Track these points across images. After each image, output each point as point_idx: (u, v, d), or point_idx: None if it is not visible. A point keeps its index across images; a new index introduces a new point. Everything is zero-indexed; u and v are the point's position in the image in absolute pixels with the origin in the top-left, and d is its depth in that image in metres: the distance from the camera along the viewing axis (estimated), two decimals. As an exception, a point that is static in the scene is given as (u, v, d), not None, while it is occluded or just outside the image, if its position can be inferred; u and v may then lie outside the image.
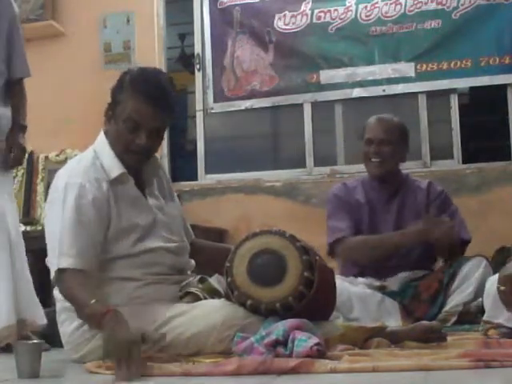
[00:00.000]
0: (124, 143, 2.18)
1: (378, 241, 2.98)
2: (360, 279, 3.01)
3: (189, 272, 2.31)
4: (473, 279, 2.85)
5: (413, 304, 2.91)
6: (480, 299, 2.62)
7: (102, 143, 2.24)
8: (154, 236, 2.21)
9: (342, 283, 2.74)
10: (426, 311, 2.88)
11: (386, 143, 3.08)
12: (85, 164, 2.18)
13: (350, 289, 2.87)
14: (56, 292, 2.20)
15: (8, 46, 2.88)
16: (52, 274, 2.12)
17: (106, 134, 2.25)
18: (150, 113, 2.15)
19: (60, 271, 2.05)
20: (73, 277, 2.03)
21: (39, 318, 2.71)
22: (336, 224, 3.06)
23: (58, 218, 2.09)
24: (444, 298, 2.90)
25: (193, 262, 2.35)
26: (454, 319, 2.79)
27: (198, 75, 5.00)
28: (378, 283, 2.97)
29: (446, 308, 2.86)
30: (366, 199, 3.13)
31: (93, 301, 1.93)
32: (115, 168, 2.19)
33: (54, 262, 2.09)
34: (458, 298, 2.85)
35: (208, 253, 2.47)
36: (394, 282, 2.97)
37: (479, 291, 2.68)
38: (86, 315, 1.96)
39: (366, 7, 4.66)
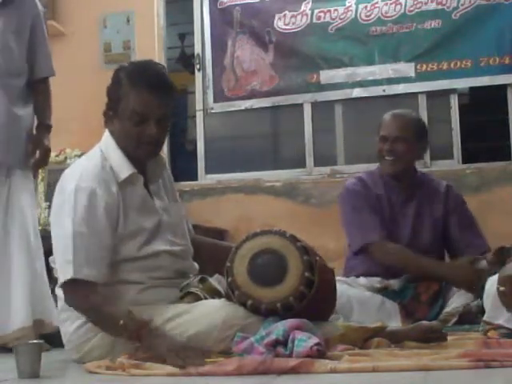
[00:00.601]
0: (135, 137, 2.16)
1: (418, 266, 2.91)
2: (361, 280, 2.99)
3: (191, 275, 2.30)
4: None
5: (412, 304, 2.90)
6: (480, 299, 2.62)
7: (108, 143, 2.22)
8: (159, 239, 2.19)
9: (341, 286, 2.72)
10: (426, 313, 2.87)
11: (400, 141, 3.00)
12: (94, 165, 2.16)
13: (350, 292, 2.84)
14: (58, 291, 2.19)
15: (31, 44, 2.87)
16: (57, 274, 2.11)
17: (111, 133, 2.23)
18: (154, 102, 2.14)
19: (72, 281, 2.03)
20: (89, 289, 2.02)
21: (56, 319, 2.71)
22: (367, 224, 2.98)
23: (68, 223, 2.06)
24: (444, 300, 2.90)
25: (196, 265, 2.34)
26: (454, 320, 2.78)
27: (198, 75, 5.00)
28: (379, 285, 2.95)
29: (447, 310, 2.85)
30: (385, 192, 3.06)
31: (125, 312, 1.95)
32: (124, 169, 2.17)
33: (62, 268, 2.07)
34: (458, 300, 2.85)
35: (208, 250, 2.46)
36: (396, 282, 2.96)
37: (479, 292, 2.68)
38: (120, 326, 1.95)
39: (366, 7, 4.67)
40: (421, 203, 3.07)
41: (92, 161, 2.19)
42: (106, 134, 2.25)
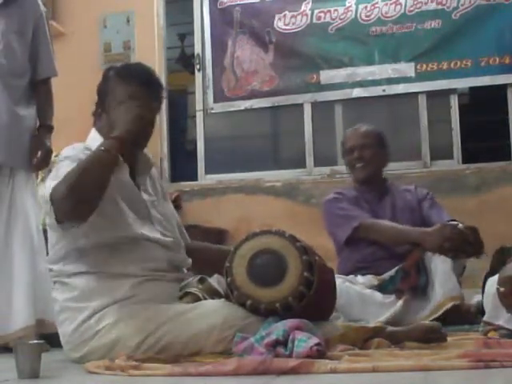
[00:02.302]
0: None
1: (398, 231, 3.06)
2: (360, 279, 3.01)
3: (185, 269, 2.30)
4: None
5: (404, 282, 2.94)
6: (480, 299, 2.62)
7: (94, 139, 2.21)
8: (147, 227, 2.18)
9: (342, 283, 2.76)
10: (417, 281, 2.92)
11: (366, 147, 3.23)
12: (77, 150, 2.16)
13: (350, 289, 2.87)
14: (55, 293, 2.19)
15: (33, 45, 2.89)
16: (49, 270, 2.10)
17: (98, 131, 2.23)
18: (142, 94, 2.14)
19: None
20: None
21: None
22: (350, 213, 3.15)
23: (50, 181, 2.04)
24: (427, 264, 2.94)
25: (189, 259, 2.34)
26: (448, 306, 2.78)
27: (198, 75, 5.00)
28: (376, 282, 2.97)
29: (435, 284, 2.87)
30: (361, 196, 3.26)
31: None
32: None
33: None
34: (439, 265, 2.89)
35: (205, 256, 2.46)
36: (387, 274, 2.99)
37: None
38: (105, 151, 1.99)
39: (366, 7, 4.67)
40: (394, 198, 3.28)
41: (74, 147, 2.20)
42: (92, 131, 2.26)
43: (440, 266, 2.89)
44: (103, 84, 2.22)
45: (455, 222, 2.99)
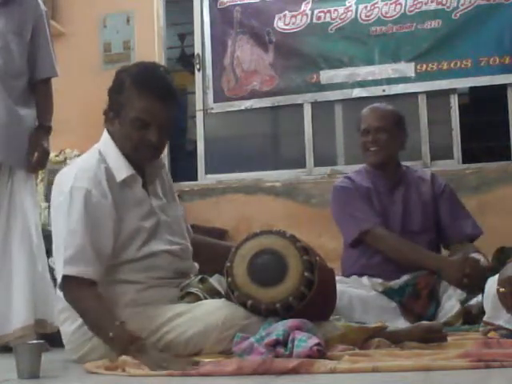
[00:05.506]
0: (135, 142, 2.15)
1: (412, 252, 2.94)
2: (364, 280, 2.98)
3: (192, 276, 2.29)
4: None
5: (411, 301, 2.89)
6: (480, 299, 2.62)
7: (107, 144, 2.21)
8: (157, 239, 2.18)
9: (343, 286, 2.71)
10: (426, 308, 2.86)
11: (381, 131, 3.09)
12: (90, 166, 2.14)
13: (352, 292, 2.82)
14: (59, 292, 2.19)
15: (32, 45, 2.88)
16: (58, 277, 2.11)
17: (110, 134, 2.22)
18: (159, 110, 2.14)
19: (66, 278, 2.03)
20: (84, 288, 2.02)
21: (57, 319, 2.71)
22: (360, 214, 3.02)
23: (63, 222, 2.07)
24: (438, 294, 2.89)
25: (197, 265, 2.34)
26: (458, 324, 2.77)
27: (198, 75, 5.00)
28: (380, 288, 2.93)
29: (446, 306, 2.84)
30: (372, 185, 3.11)
31: (117, 323, 1.95)
32: (123, 170, 2.16)
33: (58, 266, 2.07)
34: (453, 295, 2.85)
35: (207, 250, 2.46)
36: (397, 283, 2.95)
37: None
38: (109, 338, 1.96)
39: (366, 7, 4.67)
40: (408, 189, 3.12)
41: (88, 162, 2.18)
42: (105, 134, 2.24)
43: (449, 303, 2.83)
44: (117, 90, 2.18)
45: (478, 256, 2.87)
